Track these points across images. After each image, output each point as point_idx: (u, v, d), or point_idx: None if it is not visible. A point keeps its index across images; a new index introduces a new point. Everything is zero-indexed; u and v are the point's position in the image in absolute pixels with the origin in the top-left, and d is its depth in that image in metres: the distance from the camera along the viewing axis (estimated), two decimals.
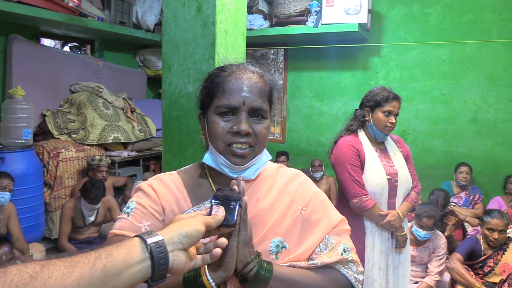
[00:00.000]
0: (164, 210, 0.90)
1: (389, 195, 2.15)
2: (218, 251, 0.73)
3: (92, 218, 3.48)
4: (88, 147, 4.23)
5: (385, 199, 2.14)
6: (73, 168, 4.09)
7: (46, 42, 5.78)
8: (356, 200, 2.09)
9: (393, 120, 2.13)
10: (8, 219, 3.14)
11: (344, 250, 0.92)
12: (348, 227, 0.98)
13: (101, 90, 4.68)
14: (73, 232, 3.46)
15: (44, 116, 4.20)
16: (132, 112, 4.90)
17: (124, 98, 4.96)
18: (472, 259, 2.78)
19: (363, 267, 2.15)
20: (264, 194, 0.94)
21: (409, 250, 2.29)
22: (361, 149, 2.16)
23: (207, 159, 0.93)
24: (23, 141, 3.65)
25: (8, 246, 2.53)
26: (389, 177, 2.13)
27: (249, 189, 0.94)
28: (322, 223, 0.94)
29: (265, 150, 0.95)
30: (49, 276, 0.54)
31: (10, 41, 3.95)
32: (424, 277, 2.96)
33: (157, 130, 5.05)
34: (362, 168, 2.14)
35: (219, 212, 0.75)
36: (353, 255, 0.94)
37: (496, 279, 2.61)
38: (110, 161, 4.20)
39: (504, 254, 2.66)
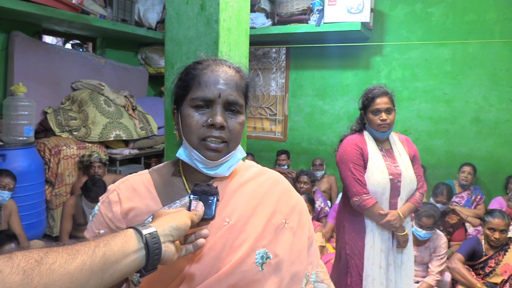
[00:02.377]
0: (128, 214, 0.90)
1: (391, 195, 2.15)
2: (202, 241, 0.76)
3: None
4: (90, 145, 4.23)
5: (386, 198, 2.14)
6: (74, 166, 4.09)
7: (48, 39, 5.78)
8: (357, 199, 2.12)
9: (384, 117, 2.12)
10: (9, 216, 3.15)
11: (317, 275, 0.99)
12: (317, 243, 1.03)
13: (102, 87, 4.68)
14: (74, 230, 3.46)
15: (45, 113, 4.20)
16: (133, 110, 4.90)
17: (125, 96, 4.96)
18: (473, 260, 2.78)
19: (363, 265, 2.15)
20: (245, 201, 0.92)
21: (412, 249, 2.28)
22: (365, 148, 2.18)
23: (181, 153, 0.91)
24: (24, 138, 3.65)
25: (15, 243, 2.54)
26: (391, 177, 2.13)
27: (226, 195, 0.92)
28: (300, 237, 0.96)
29: (240, 147, 0.94)
30: (53, 262, 0.55)
31: (12, 38, 3.95)
32: (425, 277, 2.96)
33: (158, 128, 5.05)
34: (365, 167, 2.15)
35: (199, 208, 0.78)
36: (323, 277, 1.00)
37: (497, 280, 2.61)
38: (104, 156, 4.18)
39: (505, 254, 2.66)
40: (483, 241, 2.79)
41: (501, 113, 4.18)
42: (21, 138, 3.63)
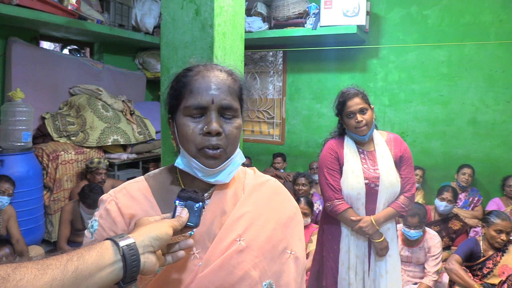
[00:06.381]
0: (130, 223, 0.87)
1: (367, 200, 2.08)
2: (182, 253, 0.76)
3: None
4: (88, 150, 4.23)
5: (362, 203, 2.09)
6: (72, 171, 4.09)
7: (45, 45, 5.79)
8: (329, 204, 2.12)
9: (359, 119, 2.05)
10: (8, 221, 3.15)
11: None
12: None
13: (100, 92, 4.68)
14: (72, 235, 3.46)
15: (43, 118, 4.20)
16: (131, 114, 4.91)
17: (123, 101, 4.96)
18: (471, 261, 2.78)
19: (337, 269, 2.15)
20: (258, 224, 0.89)
21: (397, 258, 2.19)
22: (341, 152, 2.16)
23: (179, 163, 0.89)
24: (22, 143, 3.66)
25: (9, 248, 2.54)
26: (367, 181, 2.07)
27: (237, 208, 0.90)
28: (298, 267, 0.94)
29: (239, 151, 0.92)
30: (21, 278, 0.54)
31: (9, 44, 3.96)
32: (423, 278, 2.96)
33: (157, 132, 5.06)
34: (341, 172, 2.15)
35: (183, 214, 0.77)
36: None
37: (495, 281, 2.61)
38: (108, 163, 4.20)
39: (503, 255, 2.66)
40: (481, 242, 2.79)
41: (497, 114, 4.19)
42: (19, 144, 3.64)
